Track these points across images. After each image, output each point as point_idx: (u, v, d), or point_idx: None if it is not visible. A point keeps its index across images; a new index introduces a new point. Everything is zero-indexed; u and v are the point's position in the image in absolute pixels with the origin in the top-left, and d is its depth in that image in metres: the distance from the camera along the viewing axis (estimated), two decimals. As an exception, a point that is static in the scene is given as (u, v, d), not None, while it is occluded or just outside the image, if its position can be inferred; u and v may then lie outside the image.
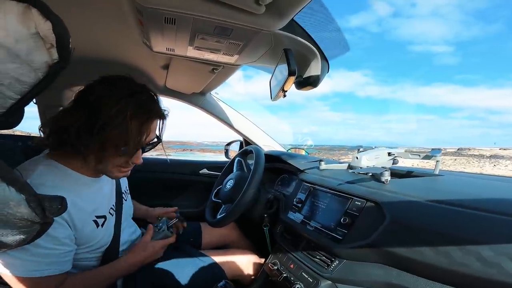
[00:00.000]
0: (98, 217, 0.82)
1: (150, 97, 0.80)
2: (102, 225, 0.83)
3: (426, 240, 0.62)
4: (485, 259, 0.52)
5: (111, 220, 0.89)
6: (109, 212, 0.88)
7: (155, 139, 0.85)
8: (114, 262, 0.86)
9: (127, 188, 1.07)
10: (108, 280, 0.84)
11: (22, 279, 0.67)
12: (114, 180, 0.96)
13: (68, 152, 0.76)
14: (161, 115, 0.82)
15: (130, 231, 1.01)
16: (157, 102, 0.81)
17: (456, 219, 0.61)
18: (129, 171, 0.84)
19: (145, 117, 0.76)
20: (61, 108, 0.81)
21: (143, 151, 0.83)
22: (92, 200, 0.81)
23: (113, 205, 0.92)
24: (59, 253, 0.71)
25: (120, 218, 0.93)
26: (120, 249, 0.91)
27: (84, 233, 0.77)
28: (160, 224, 1.05)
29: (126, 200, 1.00)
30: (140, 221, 1.18)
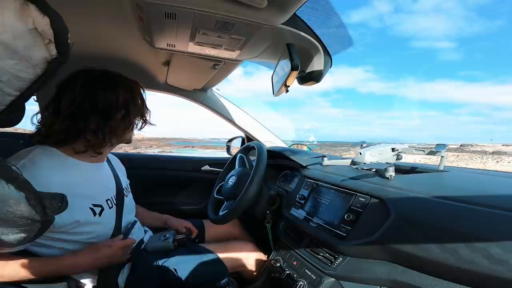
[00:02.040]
0: (94, 205, 0.83)
1: (136, 84, 0.93)
2: (100, 214, 0.84)
3: (432, 237, 0.61)
4: (493, 256, 0.52)
5: (110, 212, 0.89)
6: (107, 203, 0.89)
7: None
8: (59, 257, 0.79)
9: (128, 186, 1.08)
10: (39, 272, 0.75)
11: None
12: (111, 172, 0.98)
13: (67, 140, 0.82)
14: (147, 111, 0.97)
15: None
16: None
17: (462, 216, 0.60)
18: None
19: (140, 103, 0.92)
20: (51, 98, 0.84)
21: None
22: (87, 186, 0.83)
23: (111, 197, 0.92)
24: None
25: (121, 212, 0.94)
26: None
27: (77, 220, 0.78)
28: (168, 235, 1.06)
29: (127, 196, 1.01)
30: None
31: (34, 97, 1.26)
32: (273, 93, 1.10)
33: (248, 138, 1.83)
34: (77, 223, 0.78)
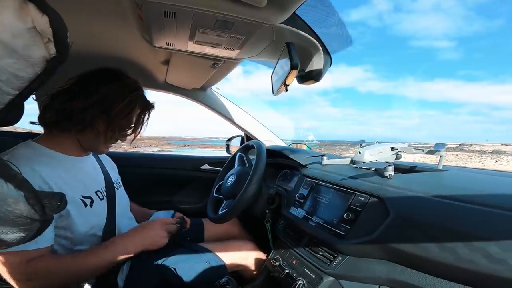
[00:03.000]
0: (84, 197, 0.84)
1: (142, 91, 0.93)
2: (91, 205, 0.85)
3: (431, 236, 0.61)
4: (491, 255, 0.52)
5: (101, 204, 0.90)
6: (97, 195, 0.90)
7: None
8: (105, 243, 0.85)
9: (119, 180, 1.10)
10: (94, 262, 0.80)
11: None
12: (98, 165, 1.00)
13: (55, 135, 0.84)
14: (150, 108, 0.96)
15: (128, 221, 1.02)
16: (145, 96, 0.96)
17: (461, 215, 0.60)
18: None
19: (144, 110, 0.92)
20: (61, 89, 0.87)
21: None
22: (74, 179, 0.84)
23: (101, 189, 0.93)
24: None
25: (113, 205, 0.95)
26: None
27: (70, 212, 0.78)
28: None
29: (118, 189, 1.02)
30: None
31: (33, 96, 1.26)
32: (273, 92, 1.10)
33: (247, 137, 1.83)
34: (70, 215, 0.79)
